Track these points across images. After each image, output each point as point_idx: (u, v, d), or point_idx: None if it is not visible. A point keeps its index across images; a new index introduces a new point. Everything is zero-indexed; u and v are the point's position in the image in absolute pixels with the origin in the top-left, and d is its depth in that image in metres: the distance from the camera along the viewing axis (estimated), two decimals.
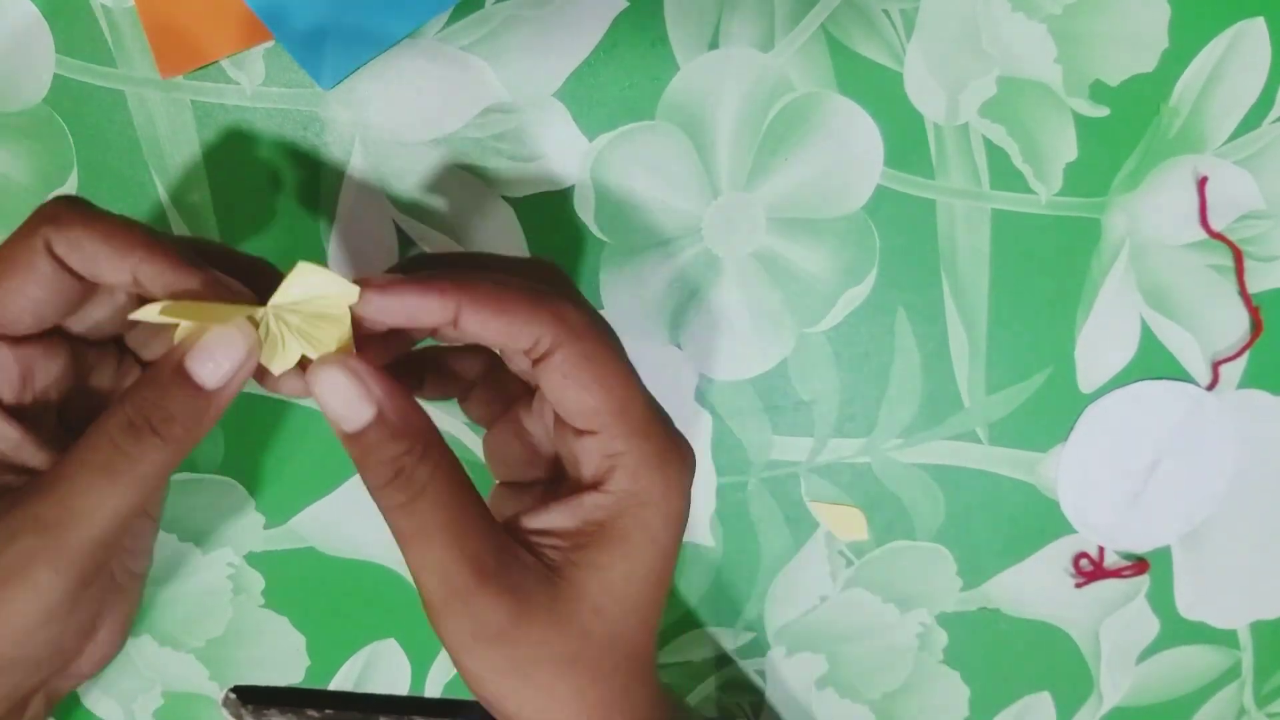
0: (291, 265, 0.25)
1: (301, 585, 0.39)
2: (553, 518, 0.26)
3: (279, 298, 0.25)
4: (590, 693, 0.26)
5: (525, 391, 0.30)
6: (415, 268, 0.28)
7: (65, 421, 0.28)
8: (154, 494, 0.28)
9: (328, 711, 0.42)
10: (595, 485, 0.26)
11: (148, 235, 0.25)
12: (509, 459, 0.30)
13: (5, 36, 0.33)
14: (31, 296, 0.25)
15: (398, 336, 0.28)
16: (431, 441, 0.25)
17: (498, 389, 0.30)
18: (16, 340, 0.26)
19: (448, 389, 0.31)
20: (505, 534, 0.26)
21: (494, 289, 0.25)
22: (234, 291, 0.25)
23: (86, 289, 0.26)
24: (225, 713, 0.41)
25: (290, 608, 0.39)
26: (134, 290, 0.25)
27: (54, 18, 0.33)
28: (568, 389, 0.25)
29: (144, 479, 0.24)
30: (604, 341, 0.26)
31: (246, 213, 0.35)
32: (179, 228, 0.35)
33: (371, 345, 0.26)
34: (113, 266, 0.24)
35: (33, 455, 0.26)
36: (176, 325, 0.24)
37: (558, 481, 0.29)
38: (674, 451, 0.26)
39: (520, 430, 0.30)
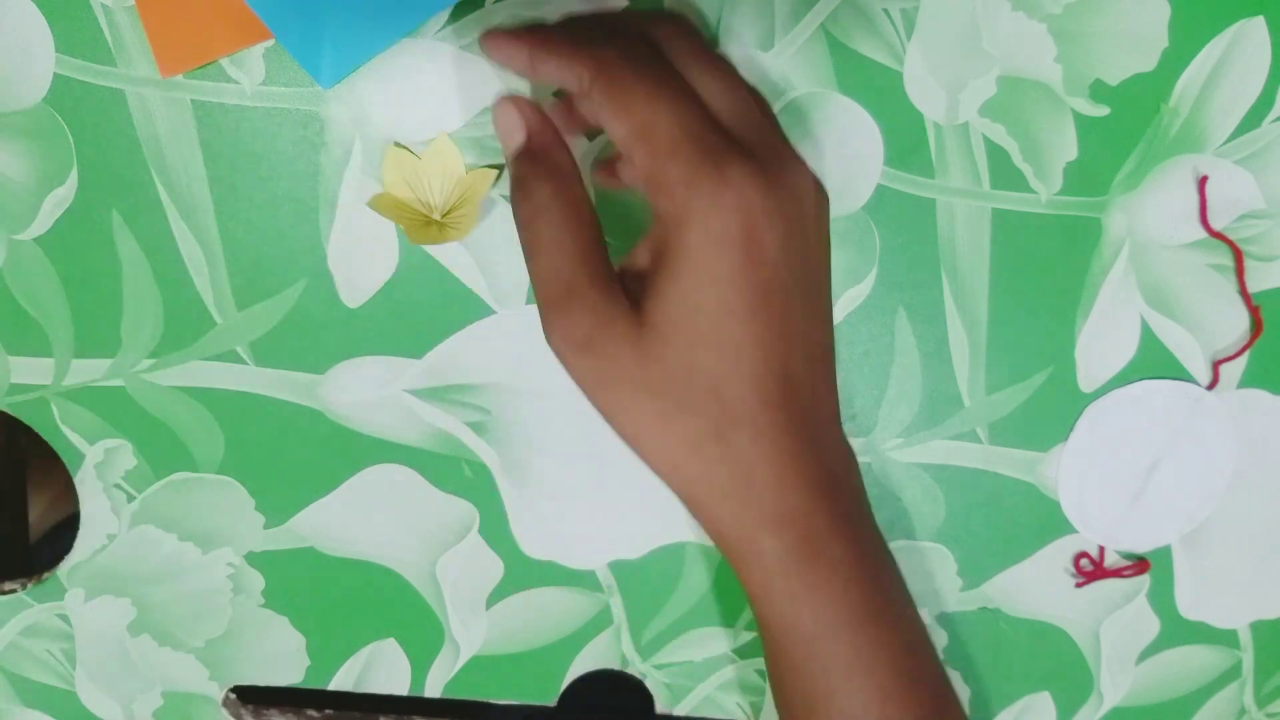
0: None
1: (301, 585, 0.39)
2: (634, 256, 0.28)
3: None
4: (676, 421, 0.27)
5: None
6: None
7: None
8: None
9: (328, 711, 0.42)
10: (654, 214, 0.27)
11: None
12: None
13: (5, 36, 0.33)
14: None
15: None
16: (561, 173, 0.29)
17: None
18: None
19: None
20: (608, 266, 0.28)
21: (553, 38, 0.28)
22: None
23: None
24: (225, 713, 0.41)
25: (290, 608, 0.39)
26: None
27: (54, 17, 0.33)
28: (603, 119, 0.27)
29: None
30: (636, 72, 0.27)
31: (246, 211, 0.35)
32: (179, 227, 0.35)
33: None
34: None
35: None
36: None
37: None
38: (711, 171, 0.26)
39: (615, 177, 0.34)
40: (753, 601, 0.29)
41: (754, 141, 0.27)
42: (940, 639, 0.40)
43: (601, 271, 0.27)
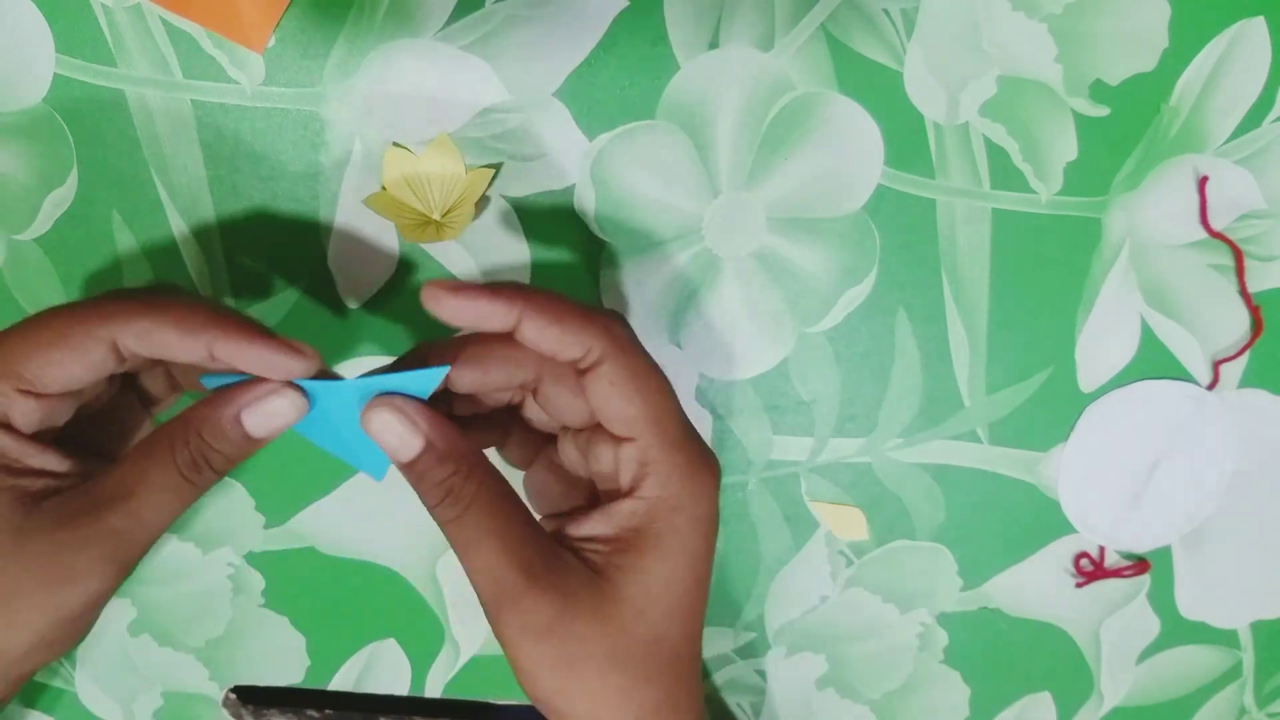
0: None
1: (301, 585, 0.39)
2: (593, 524, 0.28)
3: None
4: (636, 693, 0.27)
5: (549, 437, 0.33)
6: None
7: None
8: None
9: (328, 712, 0.42)
10: (630, 491, 0.28)
11: (215, 314, 0.28)
12: (548, 493, 0.33)
13: (5, 36, 0.33)
14: (73, 373, 0.28)
15: (471, 402, 0.31)
16: (475, 462, 0.28)
17: (529, 433, 0.33)
18: (41, 395, 0.28)
19: (487, 438, 0.33)
20: (550, 539, 0.28)
21: (553, 300, 0.28)
22: (299, 352, 0.28)
23: (131, 363, 0.29)
24: (225, 713, 0.40)
25: (290, 608, 0.39)
26: (208, 363, 0.28)
27: (54, 17, 0.33)
28: (612, 397, 0.28)
29: (196, 494, 0.29)
30: (646, 358, 0.28)
31: (247, 212, 0.35)
32: (179, 227, 0.35)
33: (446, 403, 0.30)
34: (186, 348, 0.27)
35: (55, 462, 0.29)
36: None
37: (594, 506, 0.31)
38: (702, 461, 0.28)
39: (554, 464, 0.33)
40: None
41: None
42: (940, 639, 0.40)
43: (550, 550, 0.28)
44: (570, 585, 0.27)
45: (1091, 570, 0.39)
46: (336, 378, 0.28)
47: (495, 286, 0.28)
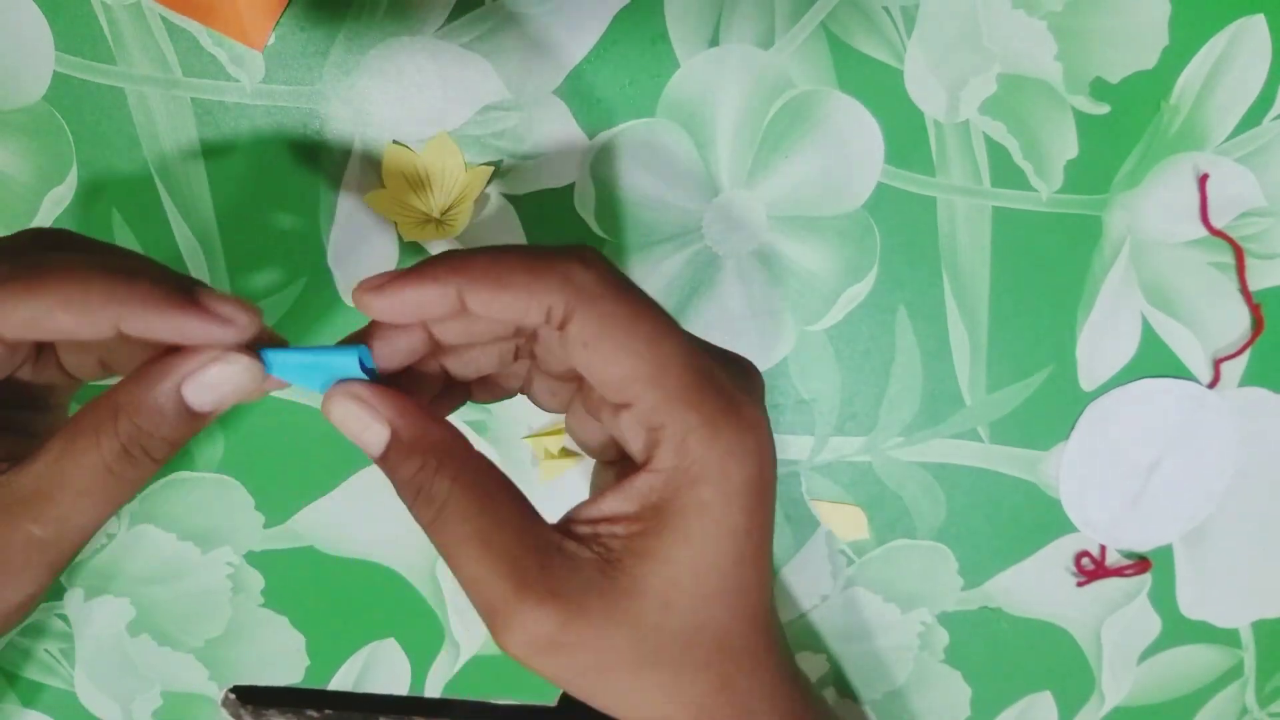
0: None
1: (301, 585, 0.39)
2: (608, 504, 0.24)
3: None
4: (684, 687, 0.24)
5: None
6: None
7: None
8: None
9: (327, 711, 0.42)
10: (645, 463, 0.23)
11: (114, 281, 0.22)
12: (589, 440, 0.27)
13: (5, 34, 0.33)
14: None
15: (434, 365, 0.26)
16: (450, 453, 0.24)
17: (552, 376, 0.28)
18: None
19: (502, 387, 0.28)
20: (550, 532, 0.24)
21: (490, 262, 0.23)
22: (227, 319, 0.23)
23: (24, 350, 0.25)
24: (224, 712, 0.40)
25: (290, 607, 0.39)
26: (119, 344, 0.24)
27: (54, 15, 0.33)
28: (591, 360, 0.23)
29: (132, 488, 0.24)
30: (625, 300, 0.23)
31: (246, 209, 0.35)
32: (178, 224, 0.35)
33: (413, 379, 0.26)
34: (86, 329, 0.22)
35: None
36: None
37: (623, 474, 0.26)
38: (728, 415, 0.23)
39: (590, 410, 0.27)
40: None
41: (733, 366, 0.24)
42: (941, 638, 0.40)
43: (548, 550, 0.23)
44: (573, 589, 0.23)
45: (1093, 569, 0.39)
46: (283, 342, 0.24)
47: (423, 267, 0.23)
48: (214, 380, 0.23)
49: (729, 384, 0.23)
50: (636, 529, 0.23)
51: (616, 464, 0.27)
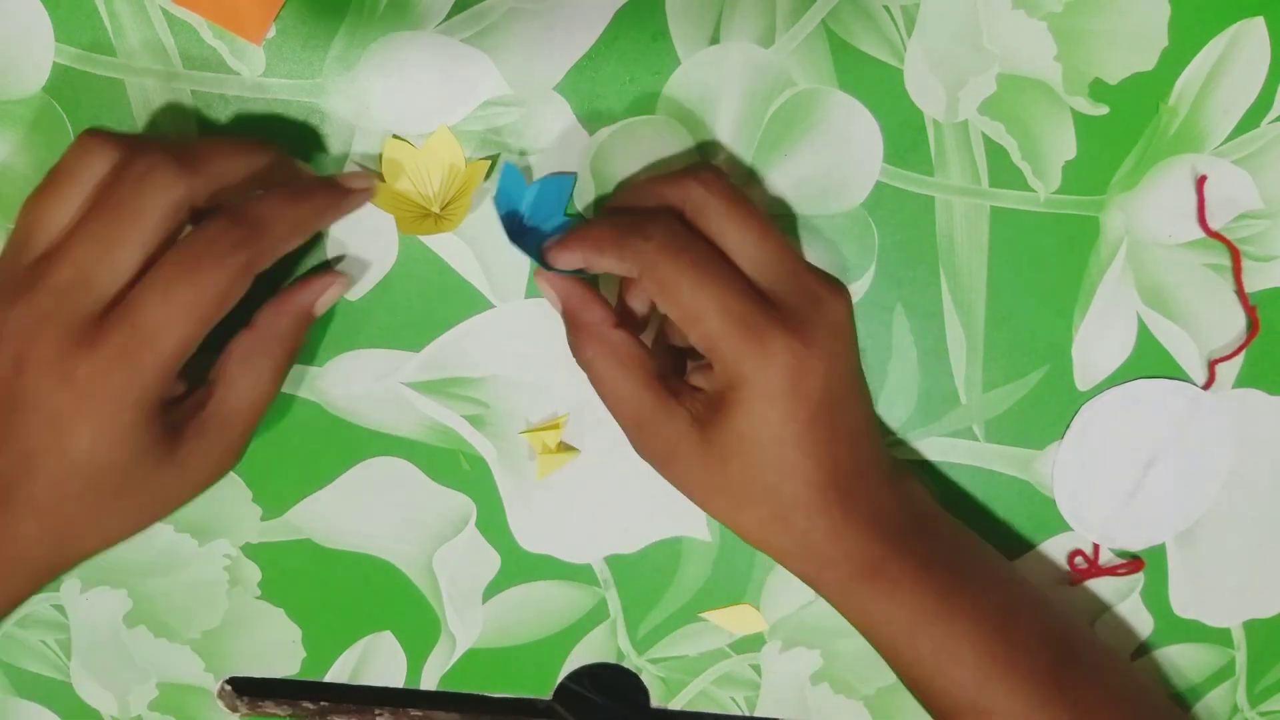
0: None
1: (298, 577, 0.39)
2: (695, 378, 0.33)
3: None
4: (743, 510, 0.32)
5: None
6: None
7: None
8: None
9: (323, 704, 0.42)
10: (710, 365, 0.31)
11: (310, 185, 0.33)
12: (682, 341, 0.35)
13: (4, 24, 0.33)
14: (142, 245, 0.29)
15: None
16: (597, 332, 0.33)
17: None
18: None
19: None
20: (663, 395, 0.32)
21: (596, 236, 0.32)
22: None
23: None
24: (220, 704, 0.41)
25: (286, 599, 0.39)
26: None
27: (53, 6, 0.33)
28: (657, 303, 0.31)
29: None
30: (678, 263, 0.30)
31: None
32: None
33: None
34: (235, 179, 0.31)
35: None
36: None
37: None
38: (754, 347, 0.30)
39: None
40: (836, 608, 0.34)
41: (787, 293, 0.31)
42: None
43: (661, 397, 0.32)
44: (672, 433, 0.32)
45: (1086, 568, 0.39)
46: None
47: (566, 238, 0.32)
48: (332, 296, 0.34)
49: (761, 319, 0.30)
50: (708, 403, 0.31)
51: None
